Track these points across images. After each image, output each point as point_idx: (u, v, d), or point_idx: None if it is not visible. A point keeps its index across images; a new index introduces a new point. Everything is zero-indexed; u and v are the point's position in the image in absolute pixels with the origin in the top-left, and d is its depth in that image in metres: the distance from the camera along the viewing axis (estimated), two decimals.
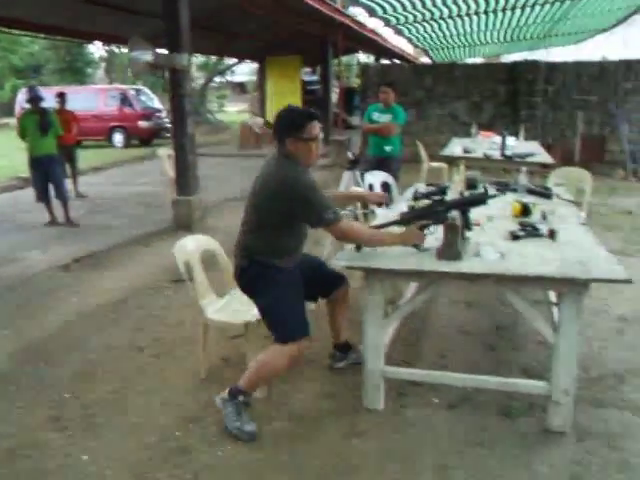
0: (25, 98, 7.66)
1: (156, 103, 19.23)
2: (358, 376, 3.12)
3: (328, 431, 2.91)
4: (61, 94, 9.02)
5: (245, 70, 32.13)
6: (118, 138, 17.84)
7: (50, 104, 8.13)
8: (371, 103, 7.01)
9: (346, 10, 17.30)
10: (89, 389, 3.39)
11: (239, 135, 15.97)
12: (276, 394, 3.23)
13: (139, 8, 10.01)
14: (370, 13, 9.98)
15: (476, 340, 3.90)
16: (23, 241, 6.83)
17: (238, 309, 3.42)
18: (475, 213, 3.70)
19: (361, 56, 25.43)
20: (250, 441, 2.83)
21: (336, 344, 3.53)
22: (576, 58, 13.73)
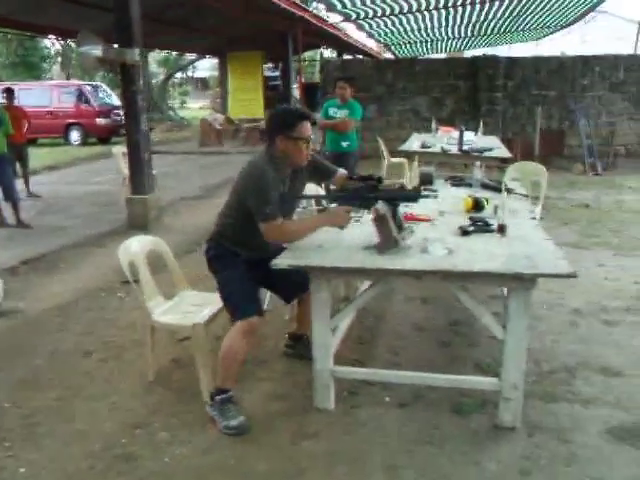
0: None
1: (114, 100, 18.73)
2: (310, 375, 3.06)
3: (277, 433, 2.85)
4: (8, 90, 8.74)
5: (207, 66, 31.71)
6: (75, 136, 17.40)
7: None
8: (328, 98, 6.94)
9: (309, 5, 17.23)
10: (32, 397, 3.26)
11: (199, 132, 15.76)
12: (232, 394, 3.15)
13: (94, 1, 9.77)
14: (329, 8, 9.92)
15: (431, 337, 3.87)
16: None
17: (187, 311, 3.34)
18: (427, 208, 3.69)
19: (326, 52, 25.35)
20: (241, 434, 2.82)
21: (293, 333, 3.60)
22: (536, 54, 13.93)
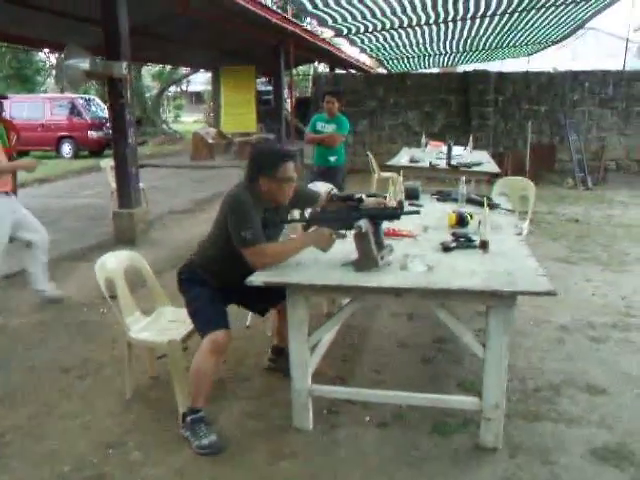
0: None
1: (107, 113, 18.75)
2: (289, 394, 3.00)
3: (254, 453, 2.78)
4: None
5: (201, 80, 31.75)
6: (66, 149, 17.33)
7: None
8: (316, 113, 6.91)
9: (303, 20, 17.29)
10: (4, 415, 3.18)
11: (191, 146, 15.72)
12: (207, 413, 3.08)
13: (87, 15, 9.74)
14: (320, 23, 9.91)
15: (415, 353, 3.81)
16: None
17: (164, 327, 3.28)
18: (411, 224, 3.65)
19: (320, 66, 25.43)
20: (214, 453, 2.75)
21: (275, 347, 3.55)
22: (528, 70, 13.98)
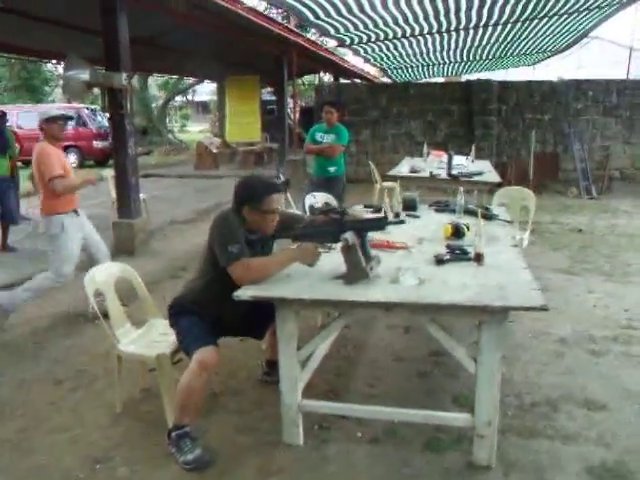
0: None
1: None
2: (280, 408, 2.94)
3: (242, 468, 2.73)
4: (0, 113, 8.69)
5: (207, 90, 31.87)
6: (72, 158, 17.35)
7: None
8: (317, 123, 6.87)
9: (308, 30, 17.32)
10: None
11: (195, 155, 15.74)
12: (194, 428, 3.03)
13: (91, 27, 9.77)
14: (322, 33, 9.93)
15: (410, 367, 3.75)
16: None
17: (154, 340, 3.24)
18: (406, 235, 3.61)
19: (325, 76, 25.45)
20: (200, 468, 2.71)
21: (269, 360, 3.52)
22: (533, 79, 13.93)
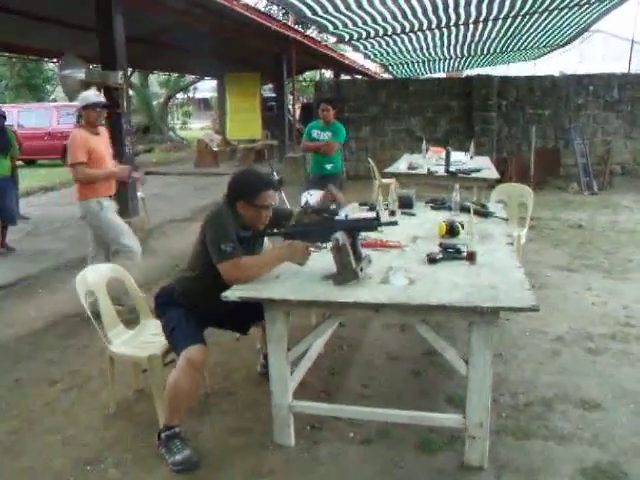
0: None
1: None
2: None
3: (232, 470, 2.72)
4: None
5: (209, 86, 31.80)
6: None
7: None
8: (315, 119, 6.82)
9: (308, 27, 17.26)
10: None
11: (195, 153, 15.71)
12: (185, 428, 3.02)
13: (90, 25, 9.75)
14: (321, 29, 9.89)
15: (404, 367, 3.73)
16: None
17: (146, 341, 3.23)
18: (400, 234, 3.58)
19: (327, 72, 25.38)
20: (189, 469, 2.69)
21: (266, 354, 3.47)
22: (534, 74, 13.85)
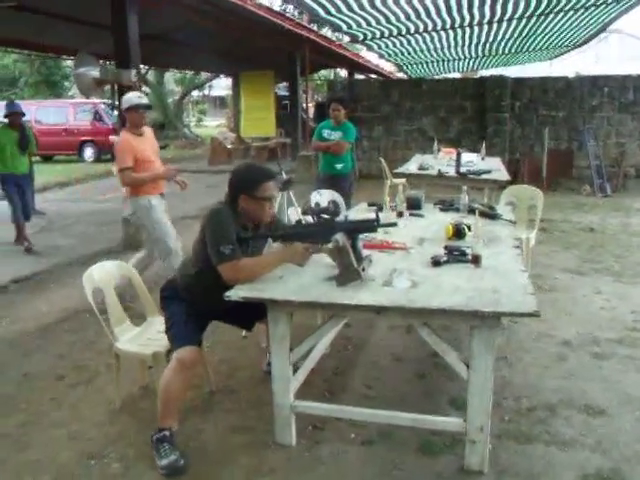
0: (4, 112, 7.23)
1: None
2: None
3: (233, 469, 2.74)
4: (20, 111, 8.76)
5: (224, 84, 31.92)
6: (89, 153, 17.56)
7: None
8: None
9: (323, 26, 17.26)
10: None
11: (209, 150, 15.78)
12: (188, 427, 3.06)
13: (105, 23, 9.83)
14: (334, 29, 9.89)
15: (409, 368, 3.74)
16: None
17: (151, 337, 3.27)
18: (407, 235, 3.60)
19: (341, 71, 25.35)
20: (171, 474, 2.68)
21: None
22: (550, 74, 13.75)
